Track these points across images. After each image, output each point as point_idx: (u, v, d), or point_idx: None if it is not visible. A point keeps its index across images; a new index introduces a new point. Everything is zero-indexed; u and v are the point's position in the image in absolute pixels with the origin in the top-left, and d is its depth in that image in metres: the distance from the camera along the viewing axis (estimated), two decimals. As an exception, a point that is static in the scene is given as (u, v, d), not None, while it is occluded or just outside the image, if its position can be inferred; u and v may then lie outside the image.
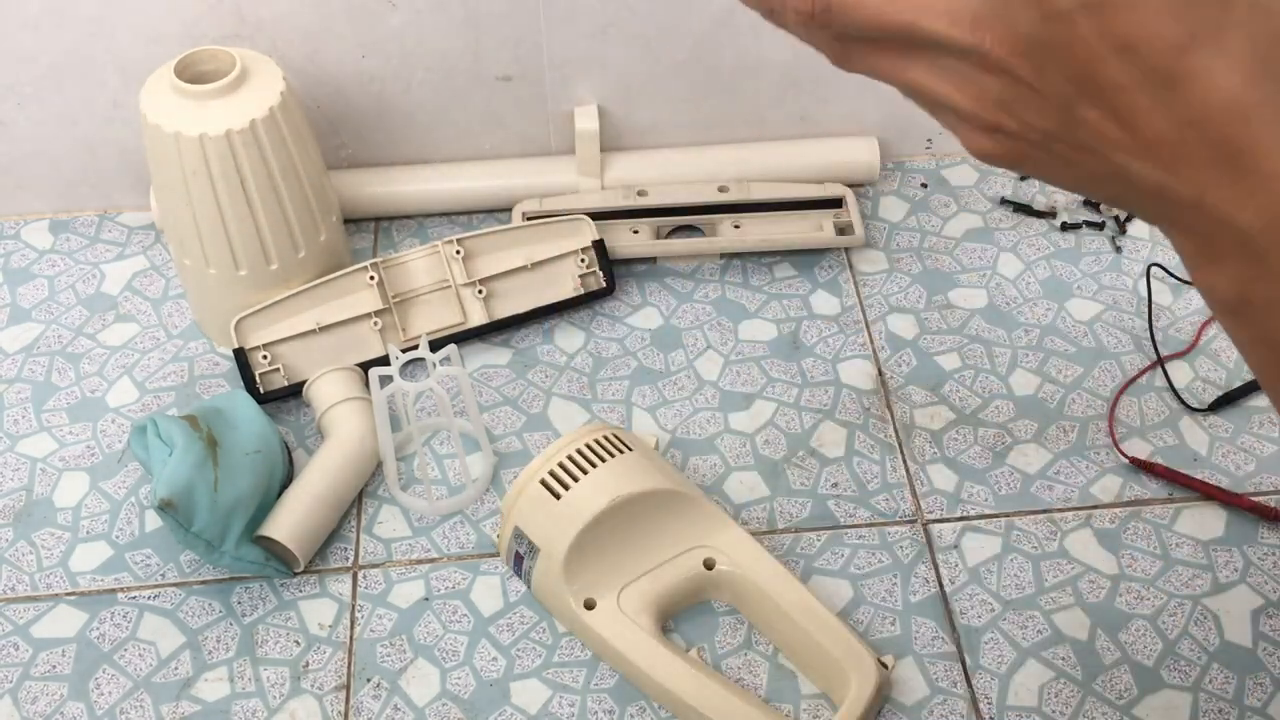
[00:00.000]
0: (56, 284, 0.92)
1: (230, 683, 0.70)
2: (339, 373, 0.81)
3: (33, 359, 0.87)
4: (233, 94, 0.77)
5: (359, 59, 0.89)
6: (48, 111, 0.90)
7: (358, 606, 0.73)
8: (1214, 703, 0.68)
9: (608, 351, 0.86)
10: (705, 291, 0.90)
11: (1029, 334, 0.87)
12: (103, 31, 0.85)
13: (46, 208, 0.96)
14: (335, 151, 0.95)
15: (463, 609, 0.73)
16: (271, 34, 0.87)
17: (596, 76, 0.91)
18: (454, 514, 0.77)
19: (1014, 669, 0.70)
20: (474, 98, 0.92)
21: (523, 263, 0.86)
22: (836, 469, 0.79)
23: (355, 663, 0.71)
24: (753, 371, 0.85)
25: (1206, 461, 0.79)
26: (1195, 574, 0.74)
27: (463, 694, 0.69)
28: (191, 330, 0.88)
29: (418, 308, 0.85)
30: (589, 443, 0.71)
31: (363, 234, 0.95)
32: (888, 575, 0.74)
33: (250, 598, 0.74)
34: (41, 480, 0.80)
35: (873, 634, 0.71)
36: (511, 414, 0.83)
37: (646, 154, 0.95)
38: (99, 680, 0.70)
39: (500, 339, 0.87)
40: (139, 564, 0.75)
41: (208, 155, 0.76)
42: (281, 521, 0.73)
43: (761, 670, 0.70)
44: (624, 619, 0.69)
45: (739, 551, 0.71)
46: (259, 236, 0.80)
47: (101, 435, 0.82)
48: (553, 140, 0.95)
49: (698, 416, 0.82)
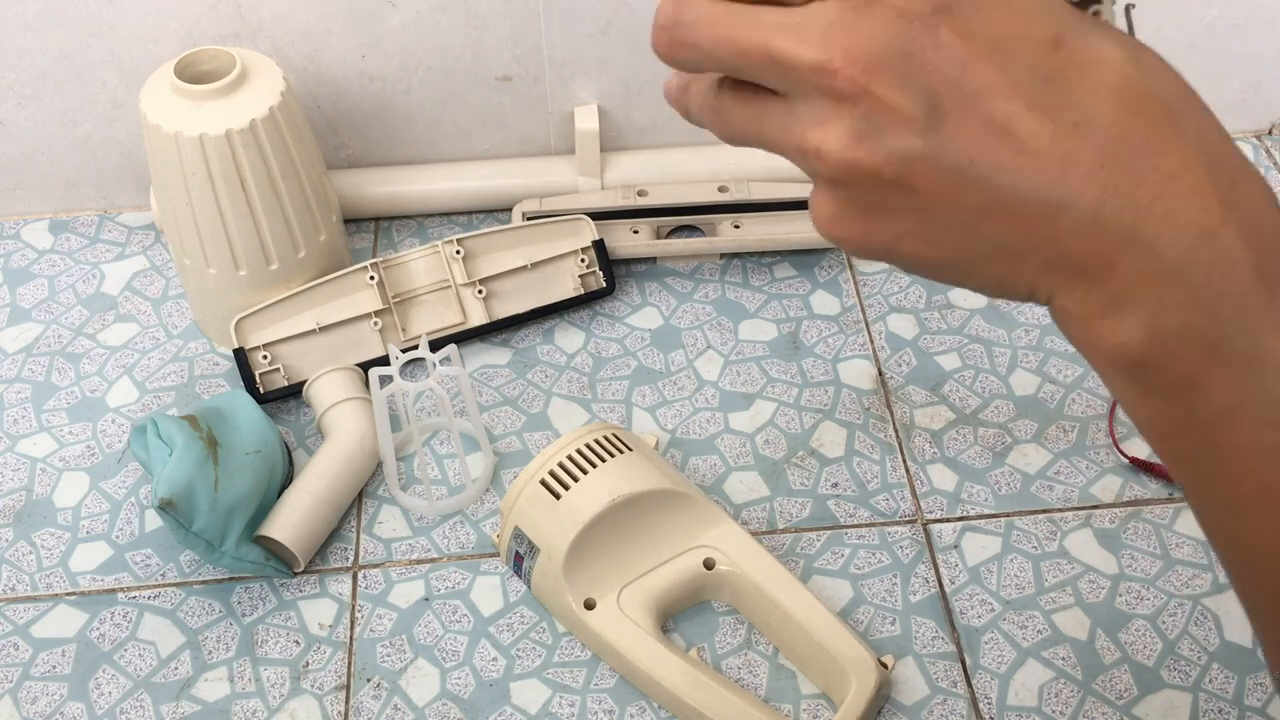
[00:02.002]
0: (56, 284, 0.92)
1: (230, 683, 0.70)
2: (339, 373, 0.81)
3: (33, 359, 0.87)
4: (233, 94, 0.77)
5: (359, 59, 0.89)
6: (48, 111, 0.90)
7: (358, 606, 0.73)
8: (1214, 703, 0.68)
9: (608, 351, 0.86)
10: (705, 291, 0.90)
11: (1029, 334, 0.87)
12: (102, 31, 0.85)
13: (46, 208, 0.96)
14: (335, 151, 0.95)
15: (463, 609, 0.73)
16: (271, 34, 0.87)
17: (596, 76, 0.91)
18: (454, 514, 0.77)
19: (1014, 669, 0.70)
20: (474, 98, 0.92)
21: (523, 263, 0.86)
22: (836, 469, 0.79)
23: (355, 663, 0.71)
24: (753, 371, 0.85)
25: (1206, 461, 0.79)
26: (1195, 574, 0.74)
27: (463, 694, 0.69)
28: (191, 330, 0.88)
29: (418, 308, 0.85)
30: (589, 443, 0.71)
31: (363, 234, 0.95)
32: (888, 575, 0.74)
33: (250, 598, 0.74)
34: (41, 480, 0.80)
35: (873, 634, 0.71)
36: (511, 414, 0.83)
37: (646, 154, 0.95)
38: (99, 680, 0.70)
39: (500, 339, 0.87)
40: (139, 564, 0.75)
41: (208, 155, 0.76)
42: (281, 521, 0.73)
43: (761, 670, 0.70)
44: (624, 619, 0.69)
45: (739, 551, 0.71)
46: (259, 236, 0.80)
47: (101, 435, 0.82)
48: (553, 140, 0.95)
49: (698, 416, 0.82)
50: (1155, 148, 0.32)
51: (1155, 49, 0.34)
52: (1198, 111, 0.34)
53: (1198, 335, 0.33)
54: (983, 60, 0.32)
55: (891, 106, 0.32)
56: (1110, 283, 0.33)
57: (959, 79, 0.32)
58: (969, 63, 0.32)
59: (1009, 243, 0.34)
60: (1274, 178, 0.97)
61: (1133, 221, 0.32)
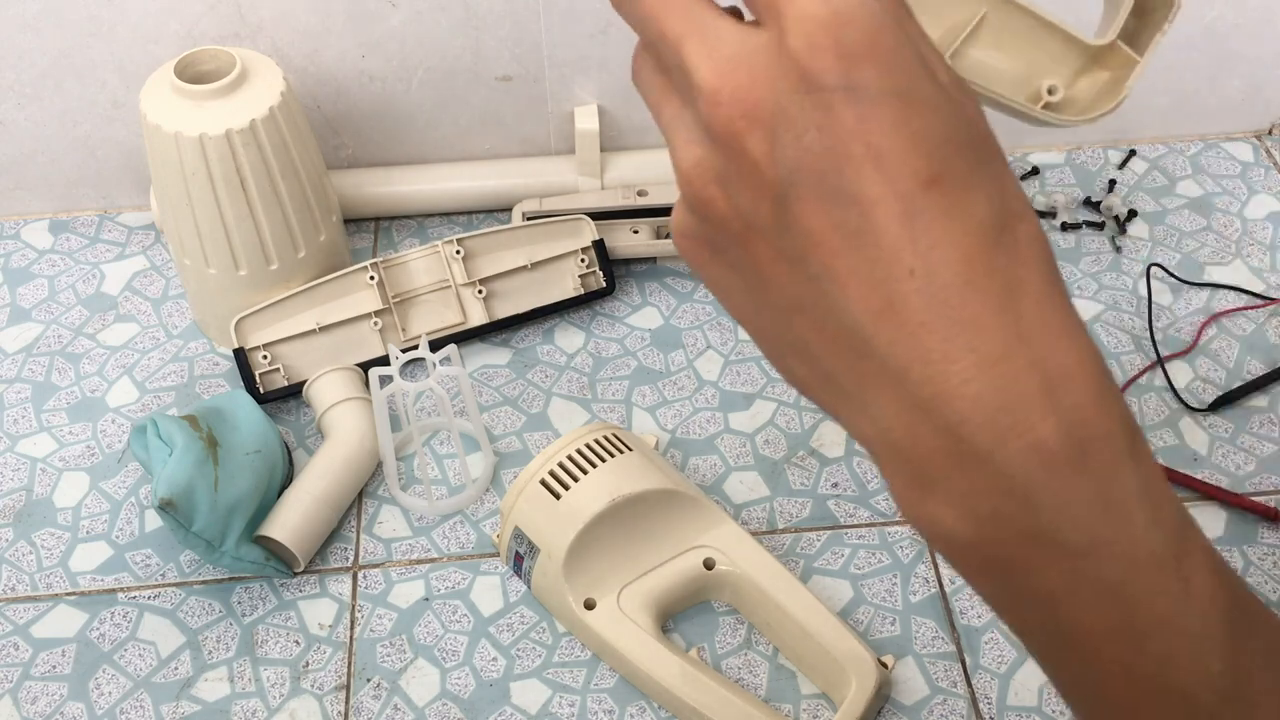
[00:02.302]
0: (56, 284, 0.92)
1: (230, 683, 0.70)
2: (339, 373, 0.81)
3: (33, 359, 0.87)
4: (233, 94, 0.77)
5: (359, 59, 0.89)
6: (48, 111, 0.90)
7: (358, 606, 0.73)
8: (1214, 703, 0.68)
9: (608, 351, 0.86)
10: (705, 291, 0.90)
11: (1029, 334, 0.87)
12: (102, 31, 0.85)
13: (46, 208, 0.96)
14: (335, 151, 0.95)
15: (463, 609, 0.73)
16: (271, 34, 0.87)
17: (596, 76, 0.91)
18: (454, 514, 0.77)
19: (1014, 669, 0.70)
20: (474, 98, 0.92)
21: (523, 263, 0.86)
22: (837, 469, 0.79)
23: (355, 663, 0.71)
24: (753, 371, 0.85)
25: (1206, 461, 0.79)
26: (1195, 574, 0.74)
27: (463, 694, 0.69)
28: (191, 330, 0.88)
29: (418, 308, 0.85)
30: (589, 443, 0.71)
31: (363, 234, 0.95)
32: (888, 575, 0.74)
33: (250, 598, 0.74)
34: (41, 480, 0.80)
35: (873, 634, 0.71)
36: (511, 414, 0.83)
37: (646, 154, 0.95)
38: (99, 680, 0.70)
39: (500, 339, 0.87)
40: (139, 564, 0.75)
41: (208, 155, 0.76)
42: (281, 521, 0.73)
43: (761, 670, 0.70)
44: (624, 619, 0.69)
45: (739, 551, 0.71)
46: (259, 236, 0.80)
47: (101, 435, 0.82)
48: (553, 140, 0.95)
49: (698, 416, 0.82)
50: (982, 326, 0.30)
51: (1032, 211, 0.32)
52: (1048, 283, 0.31)
53: (1014, 523, 0.31)
54: (857, 162, 0.29)
55: (753, 163, 0.30)
56: (915, 453, 0.31)
57: (826, 167, 0.29)
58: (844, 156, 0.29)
59: (818, 354, 0.32)
60: (1274, 178, 0.97)
61: (937, 397, 0.30)
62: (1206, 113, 0.99)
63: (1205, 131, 1.00)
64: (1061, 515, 0.31)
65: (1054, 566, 0.32)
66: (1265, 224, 0.94)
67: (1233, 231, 0.93)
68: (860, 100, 0.29)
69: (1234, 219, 0.94)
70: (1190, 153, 0.99)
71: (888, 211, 0.29)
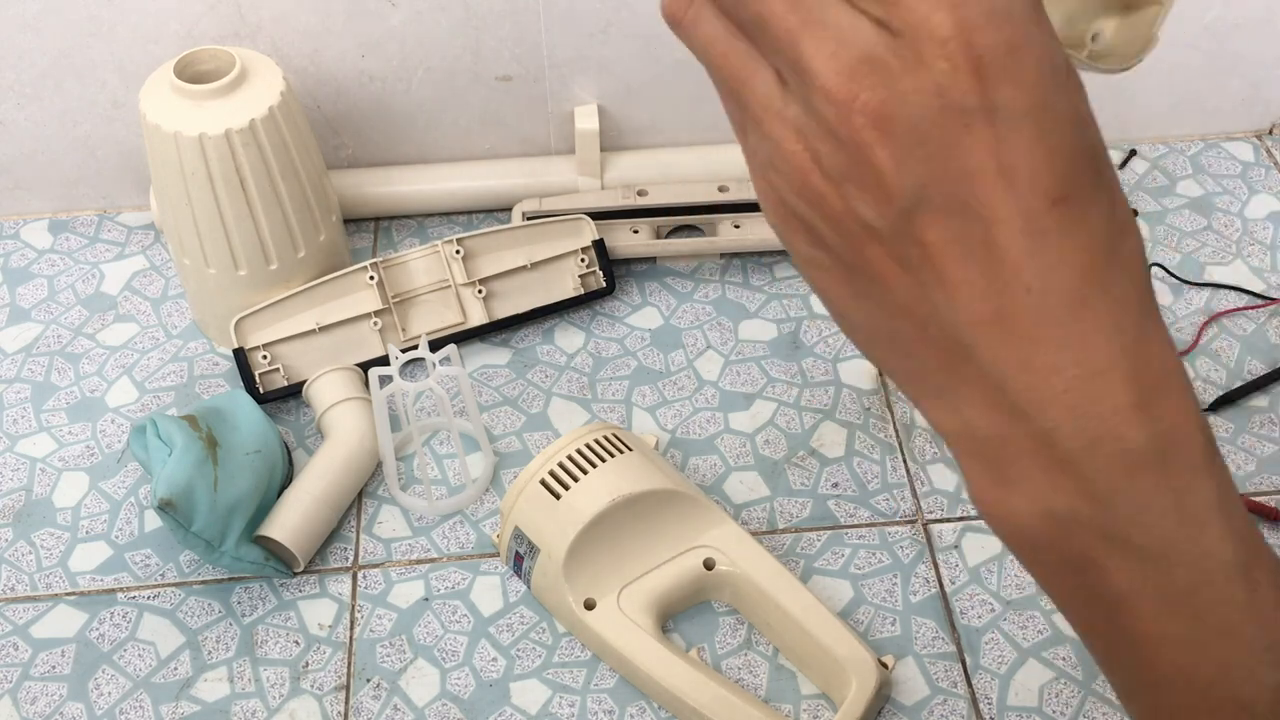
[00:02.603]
0: (56, 284, 0.92)
1: (230, 683, 0.70)
2: (339, 373, 0.81)
3: (32, 359, 0.87)
4: (233, 94, 0.77)
5: (359, 59, 0.89)
6: (48, 111, 0.90)
7: (357, 606, 0.73)
8: (1214, 703, 0.68)
9: (608, 351, 0.86)
10: (705, 291, 0.90)
11: (1029, 334, 0.87)
12: (102, 31, 0.85)
13: (46, 208, 0.96)
14: (335, 151, 0.95)
15: (463, 609, 0.73)
16: (271, 34, 0.87)
17: (596, 76, 0.91)
18: (454, 514, 0.77)
19: (1014, 669, 0.70)
20: (474, 98, 0.92)
21: (523, 263, 0.86)
22: (837, 469, 0.79)
23: (355, 663, 0.71)
24: (753, 371, 0.85)
25: (1207, 461, 0.79)
26: (1196, 574, 0.74)
27: (463, 694, 0.69)
28: (191, 330, 0.88)
29: (417, 308, 0.85)
30: (589, 443, 0.71)
31: (363, 234, 0.95)
32: (888, 575, 0.74)
33: (250, 598, 0.74)
34: (41, 480, 0.80)
35: (873, 634, 0.71)
36: (511, 414, 0.83)
37: (646, 154, 0.95)
38: (99, 680, 0.70)
39: (500, 339, 0.87)
40: (139, 564, 0.75)
41: (207, 155, 0.76)
42: (281, 521, 0.73)
43: (761, 670, 0.70)
44: (624, 619, 0.69)
45: (739, 551, 0.71)
46: (259, 236, 0.80)
47: (101, 435, 0.82)
48: (553, 140, 0.95)
49: (698, 416, 0.82)
50: (1089, 343, 0.31)
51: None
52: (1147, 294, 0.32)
53: (1090, 523, 0.32)
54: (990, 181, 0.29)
55: (879, 173, 0.30)
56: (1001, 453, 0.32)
57: (956, 185, 0.29)
58: (977, 174, 0.29)
59: (913, 351, 0.33)
60: (1275, 177, 0.97)
61: (1034, 404, 0.31)
62: (1207, 113, 0.99)
63: (1205, 131, 1.00)
64: (1138, 520, 0.32)
65: (1125, 569, 0.33)
66: (1266, 224, 0.94)
67: (1233, 231, 0.93)
68: (998, 121, 0.29)
69: (1234, 219, 0.94)
70: (1190, 153, 0.99)
71: (1012, 229, 0.30)
